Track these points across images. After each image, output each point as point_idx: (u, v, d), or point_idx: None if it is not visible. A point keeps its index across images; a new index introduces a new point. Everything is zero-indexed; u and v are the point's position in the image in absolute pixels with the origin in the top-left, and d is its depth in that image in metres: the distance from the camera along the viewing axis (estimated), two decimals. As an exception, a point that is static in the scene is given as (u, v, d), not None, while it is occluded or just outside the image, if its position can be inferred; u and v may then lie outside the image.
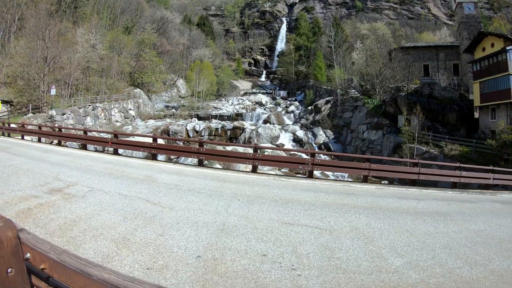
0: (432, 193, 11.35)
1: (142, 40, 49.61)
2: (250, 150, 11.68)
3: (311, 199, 7.66)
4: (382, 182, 20.93)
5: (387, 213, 7.08)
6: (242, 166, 19.39)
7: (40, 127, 20.09)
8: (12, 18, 40.56)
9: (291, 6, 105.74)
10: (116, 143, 13.78)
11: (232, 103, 56.21)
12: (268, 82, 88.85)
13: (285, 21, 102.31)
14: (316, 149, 32.84)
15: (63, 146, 16.73)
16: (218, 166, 16.00)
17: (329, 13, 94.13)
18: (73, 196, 6.33)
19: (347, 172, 13.00)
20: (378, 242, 5.13)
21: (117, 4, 55.36)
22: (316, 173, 23.94)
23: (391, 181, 20.10)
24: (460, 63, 40.54)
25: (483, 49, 28.83)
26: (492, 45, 27.79)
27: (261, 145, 26.28)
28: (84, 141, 15.31)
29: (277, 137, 33.03)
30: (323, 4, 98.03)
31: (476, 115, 31.69)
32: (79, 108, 34.08)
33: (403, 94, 29.60)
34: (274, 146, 29.07)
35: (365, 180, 12.14)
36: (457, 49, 40.93)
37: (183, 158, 20.80)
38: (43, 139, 18.79)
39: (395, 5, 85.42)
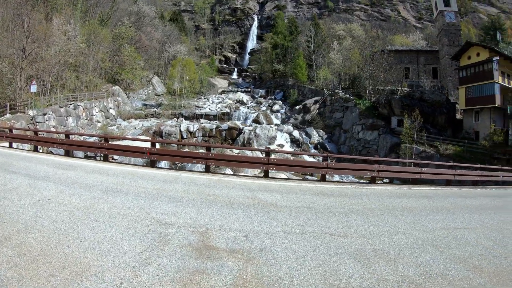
0: (470, 190, 13.42)
1: (119, 34, 46.53)
2: (320, 159, 11.41)
3: (418, 205, 8.61)
4: (387, 181, 21.65)
5: (477, 211, 8.72)
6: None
7: (36, 133, 17.31)
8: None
9: (262, 4, 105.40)
10: (156, 153, 11.91)
11: (213, 101, 54.86)
12: (240, 80, 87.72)
13: (256, 19, 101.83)
14: (312, 149, 33.16)
15: (71, 157, 13.55)
16: (284, 176, 15.12)
17: (301, 12, 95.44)
18: (248, 253, 4.30)
19: (407, 176, 13.52)
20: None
21: (89, -6, 51.26)
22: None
23: (391, 181, 20.59)
24: (439, 67, 43.19)
25: (469, 58, 30.91)
26: (478, 54, 29.90)
27: (333, 154, 26.88)
28: (108, 151, 12.93)
29: (274, 138, 32.78)
30: (294, 3, 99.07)
31: (457, 116, 34.09)
32: (60, 107, 31.02)
33: (397, 96, 30.83)
34: (345, 155, 30.55)
35: (414, 182, 12.87)
36: (436, 54, 43.55)
37: (190, 164, 19.48)
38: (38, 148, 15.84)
39: (366, 7, 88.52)
